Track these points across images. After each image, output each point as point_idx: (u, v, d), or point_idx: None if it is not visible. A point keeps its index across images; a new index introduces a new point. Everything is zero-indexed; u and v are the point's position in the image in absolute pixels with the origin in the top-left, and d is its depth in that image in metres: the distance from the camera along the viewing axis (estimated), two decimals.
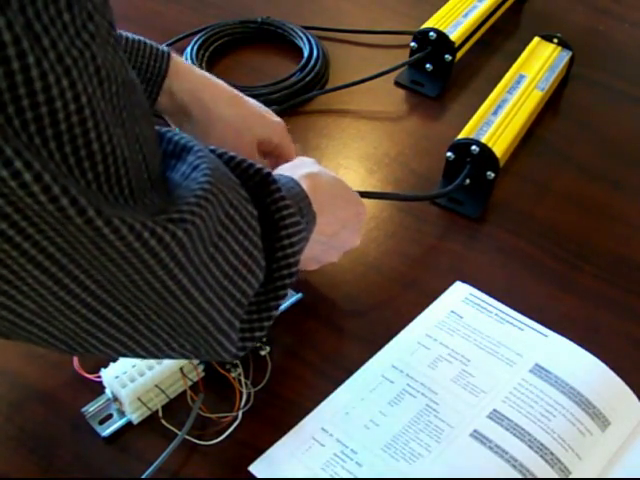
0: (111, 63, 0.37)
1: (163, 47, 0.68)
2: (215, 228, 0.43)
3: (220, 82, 0.71)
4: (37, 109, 0.33)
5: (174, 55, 0.68)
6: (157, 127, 0.45)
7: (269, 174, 0.51)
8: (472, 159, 0.78)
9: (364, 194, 0.70)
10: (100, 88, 0.36)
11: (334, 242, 0.64)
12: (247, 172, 0.50)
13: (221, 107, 0.69)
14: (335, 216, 0.62)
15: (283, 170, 0.60)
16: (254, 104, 0.72)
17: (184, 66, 0.70)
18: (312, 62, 0.92)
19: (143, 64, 0.66)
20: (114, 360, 0.60)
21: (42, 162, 0.33)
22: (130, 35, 0.66)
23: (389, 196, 0.79)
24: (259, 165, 0.51)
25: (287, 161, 0.67)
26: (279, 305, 0.53)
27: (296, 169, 0.60)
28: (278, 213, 0.50)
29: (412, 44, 0.93)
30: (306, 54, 0.93)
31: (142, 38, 0.67)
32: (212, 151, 0.48)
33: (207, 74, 0.72)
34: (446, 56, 0.92)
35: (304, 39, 0.95)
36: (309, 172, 0.60)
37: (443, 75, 0.94)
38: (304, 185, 0.57)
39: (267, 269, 0.50)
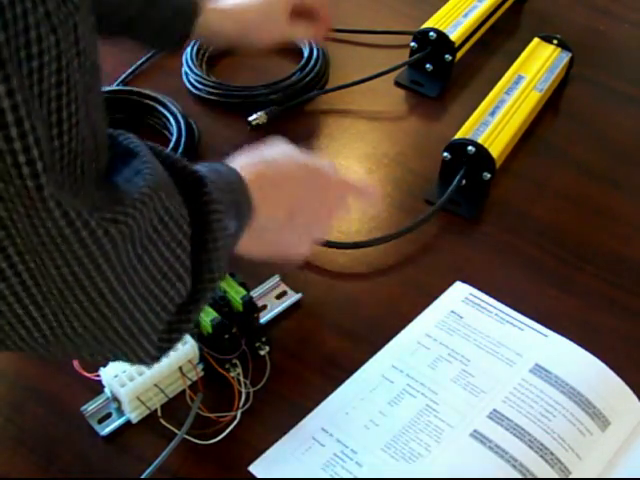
0: (88, 41, 0.38)
1: None
2: (147, 231, 0.44)
3: None
4: (30, 62, 0.34)
5: None
6: (109, 130, 0.45)
7: (203, 177, 0.50)
8: (468, 159, 0.78)
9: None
10: (77, 59, 0.37)
11: (295, 227, 0.61)
12: (182, 173, 0.50)
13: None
14: (283, 201, 0.60)
15: (240, 157, 0.59)
16: None
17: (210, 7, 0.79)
18: (312, 62, 0.92)
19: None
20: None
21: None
22: None
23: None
24: (195, 167, 0.51)
25: (322, 22, 0.85)
26: (199, 310, 0.51)
27: (253, 155, 0.59)
28: (207, 216, 0.50)
29: (412, 44, 0.93)
30: (306, 54, 0.93)
31: None
32: (151, 148, 0.48)
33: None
34: (446, 56, 0.92)
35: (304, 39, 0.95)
36: (261, 159, 0.59)
37: (443, 75, 0.93)
38: (249, 175, 0.56)
39: (193, 270, 0.49)
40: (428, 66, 0.94)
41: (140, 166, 0.44)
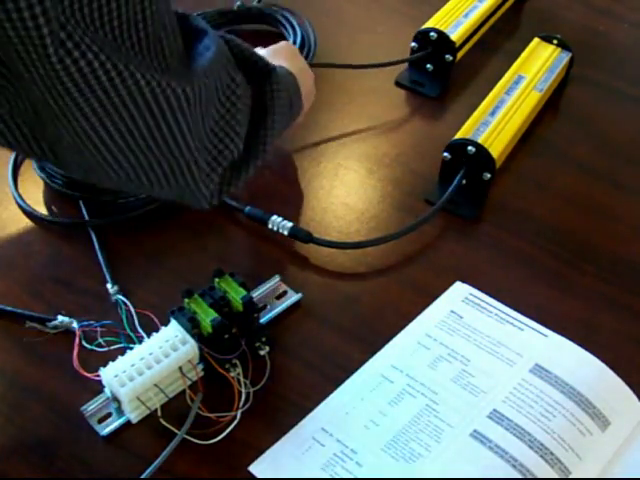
0: None
1: None
2: (212, 93, 0.55)
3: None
4: None
5: None
6: (178, 10, 0.54)
7: (274, 69, 0.64)
8: (468, 160, 0.78)
9: None
10: None
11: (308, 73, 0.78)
12: (252, 60, 0.62)
13: None
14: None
15: (266, 55, 0.69)
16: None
17: None
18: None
19: None
20: (114, 359, 0.60)
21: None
22: None
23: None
24: (266, 60, 0.64)
25: None
26: (248, 172, 0.62)
27: (280, 58, 0.72)
28: (272, 102, 0.63)
29: (413, 44, 0.93)
30: (291, 40, 0.93)
31: None
32: (227, 42, 0.60)
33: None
34: (447, 56, 0.92)
35: (287, 26, 0.95)
36: (293, 66, 0.72)
37: (443, 75, 0.93)
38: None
39: (250, 141, 0.62)
40: (428, 66, 0.94)
41: (209, 43, 0.55)
